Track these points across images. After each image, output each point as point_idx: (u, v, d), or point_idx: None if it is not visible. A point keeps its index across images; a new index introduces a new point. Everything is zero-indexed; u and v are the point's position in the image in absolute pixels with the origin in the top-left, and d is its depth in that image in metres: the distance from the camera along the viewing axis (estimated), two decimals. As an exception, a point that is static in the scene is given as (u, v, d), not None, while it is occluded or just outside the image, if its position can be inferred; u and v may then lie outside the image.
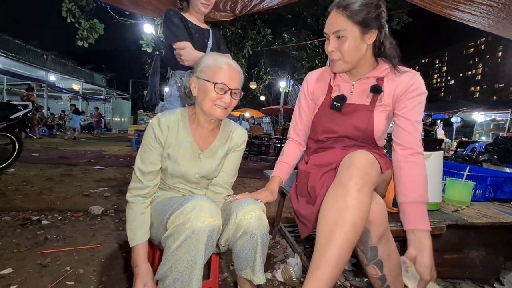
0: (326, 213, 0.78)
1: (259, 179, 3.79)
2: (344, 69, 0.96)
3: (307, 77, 1.15)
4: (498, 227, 1.12)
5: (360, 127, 0.97)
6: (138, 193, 0.92)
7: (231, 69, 0.90)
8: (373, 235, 0.81)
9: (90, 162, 4.35)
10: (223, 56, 0.95)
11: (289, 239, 1.58)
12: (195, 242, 0.75)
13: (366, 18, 0.86)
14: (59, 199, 2.28)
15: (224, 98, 0.89)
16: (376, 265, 0.83)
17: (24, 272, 1.21)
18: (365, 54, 0.94)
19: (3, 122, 2.88)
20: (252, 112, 14.44)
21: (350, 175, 0.77)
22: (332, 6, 0.90)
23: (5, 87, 11.41)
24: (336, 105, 1.00)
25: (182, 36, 1.39)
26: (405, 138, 0.90)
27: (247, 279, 0.93)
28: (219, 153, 1.01)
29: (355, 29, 0.87)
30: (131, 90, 23.02)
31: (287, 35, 7.98)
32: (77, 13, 4.30)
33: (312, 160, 1.04)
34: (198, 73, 0.91)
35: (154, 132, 0.92)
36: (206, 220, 0.76)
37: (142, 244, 0.89)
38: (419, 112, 0.91)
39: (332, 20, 0.89)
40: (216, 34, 1.63)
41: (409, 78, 0.92)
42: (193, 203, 0.78)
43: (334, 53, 0.92)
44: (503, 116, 9.58)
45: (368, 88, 0.97)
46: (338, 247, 0.72)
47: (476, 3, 2.03)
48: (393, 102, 0.95)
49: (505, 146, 2.47)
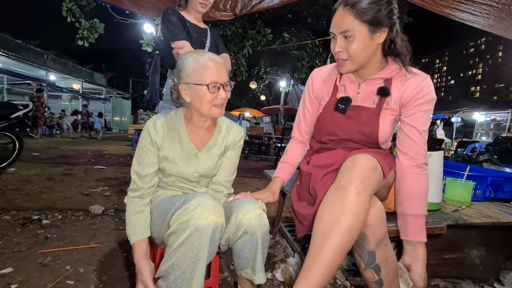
0: (323, 214, 0.77)
1: (259, 179, 3.79)
2: (352, 69, 0.92)
3: (312, 73, 1.10)
4: (498, 227, 1.12)
5: (364, 131, 0.94)
6: (134, 195, 0.93)
7: (216, 64, 0.88)
8: (371, 240, 0.80)
9: (90, 162, 4.35)
10: (201, 52, 0.92)
11: (289, 239, 1.58)
12: (198, 239, 0.75)
13: (375, 17, 0.80)
14: (60, 199, 2.28)
15: (219, 94, 0.89)
16: (373, 269, 0.83)
17: (24, 271, 1.21)
18: (374, 54, 0.88)
19: (3, 121, 2.89)
20: (252, 111, 14.44)
21: (351, 179, 0.76)
22: (339, 3, 0.84)
23: (5, 87, 11.40)
24: (340, 107, 0.96)
25: (180, 35, 1.38)
26: (411, 147, 0.88)
27: (247, 279, 0.93)
28: (216, 151, 1.01)
29: (364, 28, 0.81)
30: (131, 89, 23.02)
31: (287, 35, 7.97)
32: (77, 13, 4.30)
33: (313, 160, 1.03)
34: (185, 79, 0.88)
35: (150, 134, 0.93)
36: (209, 218, 0.76)
37: (141, 241, 0.90)
38: (426, 120, 0.88)
39: (339, 19, 0.83)
40: (214, 33, 1.62)
41: (418, 82, 0.87)
42: (196, 200, 0.78)
43: (341, 53, 0.87)
44: (504, 116, 9.58)
45: (375, 90, 0.93)
46: (332, 250, 0.72)
47: (477, 3, 2.03)
48: (400, 106, 0.91)
49: (505, 146, 2.47)
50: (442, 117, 11.27)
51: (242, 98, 19.42)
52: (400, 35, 0.87)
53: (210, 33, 1.58)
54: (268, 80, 10.52)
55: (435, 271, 1.31)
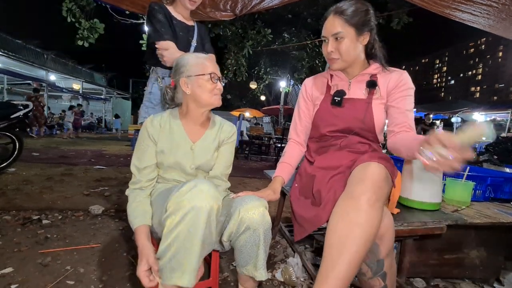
0: (337, 226, 0.77)
1: (259, 179, 3.79)
2: (342, 67, 1.04)
3: (305, 82, 1.23)
4: (498, 227, 1.12)
5: (360, 118, 1.02)
6: (134, 187, 0.99)
7: (212, 60, 1.01)
8: (382, 249, 0.82)
9: (90, 162, 4.35)
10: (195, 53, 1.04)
11: (289, 239, 1.59)
12: (194, 217, 0.75)
13: (360, 21, 0.97)
14: (60, 199, 2.28)
15: (218, 85, 1.00)
16: (380, 277, 0.84)
17: (24, 271, 1.21)
18: (360, 54, 1.04)
19: (3, 121, 2.88)
20: (252, 112, 14.44)
21: (364, 189, 0.76)
22: (329, 13, 1.01)
23: (5, 87, 11.40)
24: (336, 100, 1.06)
25: (166, 35, 1.32)
26: (399, 120, 0.98)
27: (249, 276, 0.93)
28: (211, 144, 1.06)
29: (352, 30, 0.97)
30: (131, 89, 23.02)
31: (287, 35, 7.97)
32: (77, 13, 4.30)
33: (318, 162, 1.06)
34: (186, 73, 0.98)
35: (147, 130, 0.99)
36: (205, 199, 0.77)
37: (142, 226, 0.90)
38: (409, 102, 1.00)
39: (330, 24, 0.99)
40: (201, 31, 1.55)
41: (398, 75, 1.03)
42: (192, 183, 0.80)
43: (333, 53, 1.01)
44: (503, 116, 9.60)
45: (364, 84, 1.05)
46: (348, 262, 0.72)
47: (476, 3, 2.03)
48: (387, 95, 1.04)
49: (505, 146, 2.47)
50: (442, 117, 11.29)
51: (242, 98, 19.43)
52: (378, 42, 1.05)
53: (197, 31, 1.50)
54: (268, 80, 10.52)
55: (435, 271, 1.31)
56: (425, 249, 1.27)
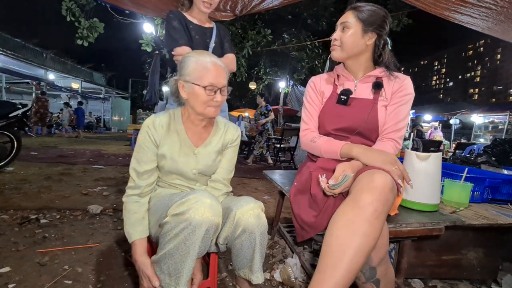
0: (338, 232, 0.75)
1: (258, 179, 3.79)
2: (340, 56, 1.08)
3: (312, 79, 1.21)
4: (495, 228, 1.13)
5: (365, 117, 1.04)
6: (132, 193, 0.94)
7: (216, 68, 0.90)
8: (375, 258, 0.82)
9: (89, 161, 4.34)
10: (204, 53, 0.93)
11: (287, 240, 1.59)
12: (191, 234, 0.76)
13: (369, 19, 1.01)
14: (58, 198, 2.28)
15: (215, 97, 0.91)
16: (374, 283, 0.85)
17: (22, 271, 1.20)
18: (364, 54, 1.06)
19: (2, 120, 2.88)
20: (251, 112, 14.42)
21: (371, 199, 0.75)
22: (348, 9, 1.07)
23: (4, 86, 11.36)
24: (342, 99, 1.08)
25: (181, 40, 1.38)
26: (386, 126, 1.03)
27: (245, 279, 0.93)
28: (214, 149, 1.02)
29: (359, 25, 1.01)
30: (130, 89, 22.94)
31: (287, 36, 7.97)
32: (77, 12, 4.29)
33: (319, 162, 1.05)
34: (185, 76, 0.91)
35: (148, 132, 0.94)
36: (205, 215, 0.77)
37: (139, 240, 0.90)
38: (404, 110, 1.04)
39: (344, 15, 1.06)
40: (221, 31, 1.59)
41: (402, 80, 1.06)
42: (195, 196, 0.79)
43: (336, 41, 1.06)
44: (502, 118, 9.63)
45: (370, 85, 1.07)
46: (347, 271, 0.71)
47: (475, 5, 2.04)
48: (390, 98, 1.06)
49: (503, 148, 2.47)
50: (441, 119, 11.31)
51: (241, 98, 19.41)
52: (389, 53, 1.07)
53: (215, 32, 1.54)
54: (268, 81, 10.51)
55: (433, 272, 1.31)
56: (423, 250, 1.28)
